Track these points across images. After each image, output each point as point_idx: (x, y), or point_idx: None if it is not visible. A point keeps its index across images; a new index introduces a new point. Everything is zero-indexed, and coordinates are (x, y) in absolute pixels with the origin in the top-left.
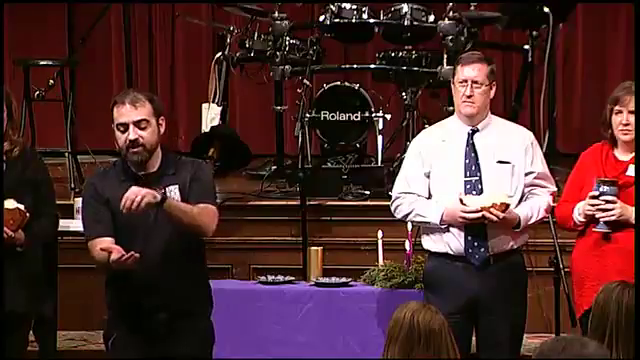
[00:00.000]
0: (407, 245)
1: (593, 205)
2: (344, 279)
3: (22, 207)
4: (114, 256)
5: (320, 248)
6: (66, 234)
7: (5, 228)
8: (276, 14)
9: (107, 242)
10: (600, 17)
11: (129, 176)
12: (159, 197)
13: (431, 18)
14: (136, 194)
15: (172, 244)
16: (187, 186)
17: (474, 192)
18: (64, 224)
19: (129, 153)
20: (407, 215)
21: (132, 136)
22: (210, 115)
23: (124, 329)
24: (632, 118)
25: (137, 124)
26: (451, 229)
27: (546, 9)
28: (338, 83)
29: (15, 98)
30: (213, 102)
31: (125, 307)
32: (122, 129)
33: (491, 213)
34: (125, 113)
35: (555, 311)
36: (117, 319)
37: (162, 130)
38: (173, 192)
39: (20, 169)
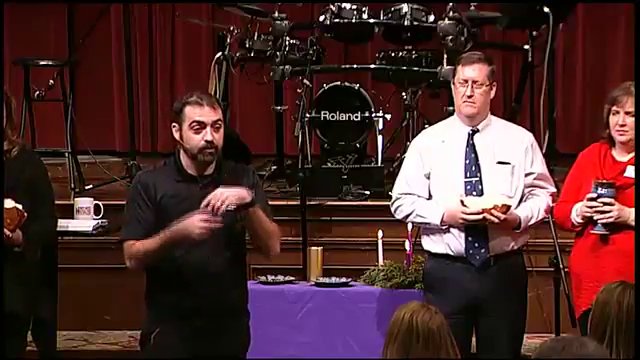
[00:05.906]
0: (407, 245)
1: (591, 207)
2: (344, 279)
3: (20, 207)
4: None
5: (320, 248)
6: (66, 234)
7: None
8: (276, 14)
9: None
10: (600, 17)
11: (184, 177)
12: (249, 198)
13: (431, 18)
14: (221, 194)
15: (222, 243)
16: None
17: (474, 193)
18: (64, 224)
19: (203, 154)
20: (407, 216)
21: (209, 137)
22: None
23: (166, 327)
24: (629, 119)
25: (213, 125)
26: (451, 230)
27: (546, 9)
28: (338, 83)
29: (15, 98)
30: None
31: (169, 305)
32: (198, 128)
33: (492, 215)
34: (205, 113)
35: (555, 311)
36: (159, 317)
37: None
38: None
39: (18, 170)
